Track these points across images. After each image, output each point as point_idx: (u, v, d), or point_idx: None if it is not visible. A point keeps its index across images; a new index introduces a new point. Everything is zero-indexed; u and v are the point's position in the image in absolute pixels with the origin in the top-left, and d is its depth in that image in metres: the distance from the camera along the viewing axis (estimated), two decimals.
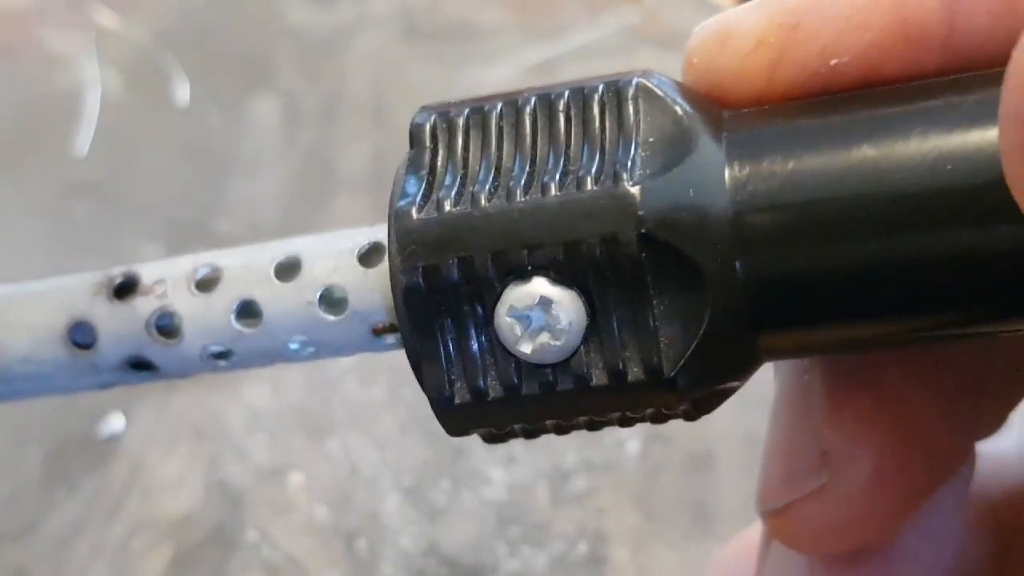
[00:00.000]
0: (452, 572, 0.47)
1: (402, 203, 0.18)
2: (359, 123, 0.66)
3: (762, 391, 0.22)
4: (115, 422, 0.53)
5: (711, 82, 0.19)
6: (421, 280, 0.18)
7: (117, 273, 0.20)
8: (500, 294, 0.18)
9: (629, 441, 0.50)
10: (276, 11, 0.73)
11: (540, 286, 0.18)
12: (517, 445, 0.50)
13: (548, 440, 0.52)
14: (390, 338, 0.20)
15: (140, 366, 0.20)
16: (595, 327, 0.18)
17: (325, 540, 0.49)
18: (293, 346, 0.20)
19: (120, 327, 0.20)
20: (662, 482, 0.49)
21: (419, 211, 0.18)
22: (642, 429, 0.50)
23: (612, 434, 0.50)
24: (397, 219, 0.18)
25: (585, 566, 0.47)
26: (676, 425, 0.54)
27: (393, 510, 0.49)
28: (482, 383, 0.18)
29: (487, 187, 0.18)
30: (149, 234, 0.60)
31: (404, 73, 0.68)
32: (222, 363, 0.20)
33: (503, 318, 0.18)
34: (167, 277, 0.20)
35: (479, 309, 0.18)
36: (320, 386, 0.53)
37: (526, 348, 0.18)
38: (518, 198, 0.17)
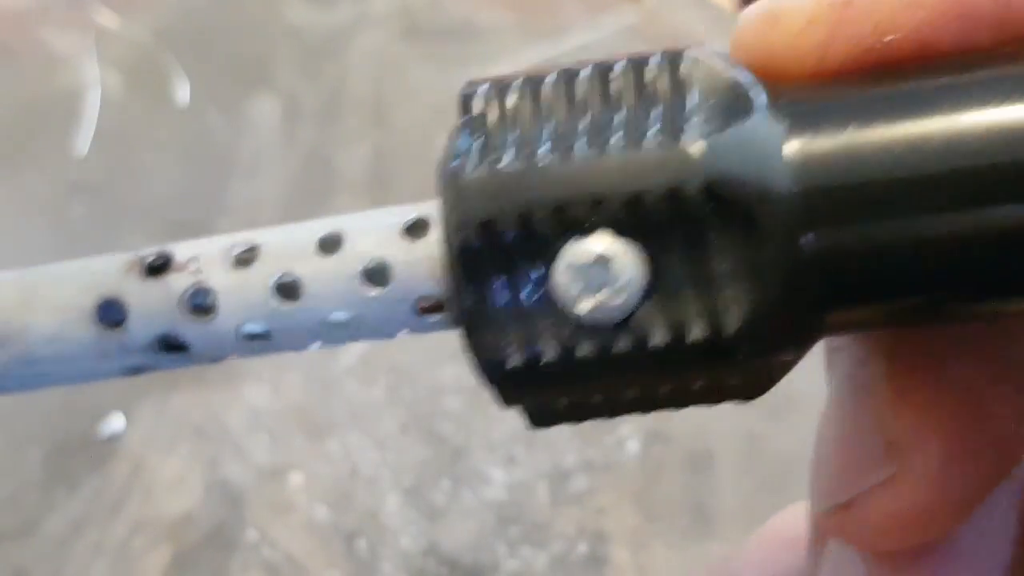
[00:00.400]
0: (452, 572, 0.47)
1: (455, 163, 0.17)
2: (359, 123, 0.66)
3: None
4: (115, 422, 0.53)
5: (761, 62, 0.19)
6: (475, 238, 0.17)
7: (149, 252, 0.19)
8: (557, 252, 0.17)
9: (629, 441, 0.50)
10: (276, 11, 0.73)
11: (599, 243, 0.17)
12: (517, 445, 0.50)
13: (548, 440, 0.52)
14: (434, 317, 0.19)
15: (171, 347, 0.19)
16: (655, 285, 0.17)
17: (325, 540, 0.49)
18: (333, 323, 0.19)
19: (152, 304, 0.19)
20: (662, 482, 0.49)
21: (474, 168, 0.17)
22: (642, 429, 0.50)
23: (612, 434, 0.50)
24: (450, 177, 0.17)
25: (585, 566, 0.47)
26: (676, 425, 0.55)
27: (393, 510, 0.49)
28: (537, 346, 0.17)
29: (543, 145, 0.17)
30: (149, 234, 0.60)
31: (404, 73, 0.68)
32: (257, 344, 0.19)
33: (560, 276, 0.17)
34: (202, 255, 0.19)
35: (534, 268, 0.17)
36: (320, 386, 0.53)
37: (584, 307, 0.17)
38: (576, 154, 0.17)
